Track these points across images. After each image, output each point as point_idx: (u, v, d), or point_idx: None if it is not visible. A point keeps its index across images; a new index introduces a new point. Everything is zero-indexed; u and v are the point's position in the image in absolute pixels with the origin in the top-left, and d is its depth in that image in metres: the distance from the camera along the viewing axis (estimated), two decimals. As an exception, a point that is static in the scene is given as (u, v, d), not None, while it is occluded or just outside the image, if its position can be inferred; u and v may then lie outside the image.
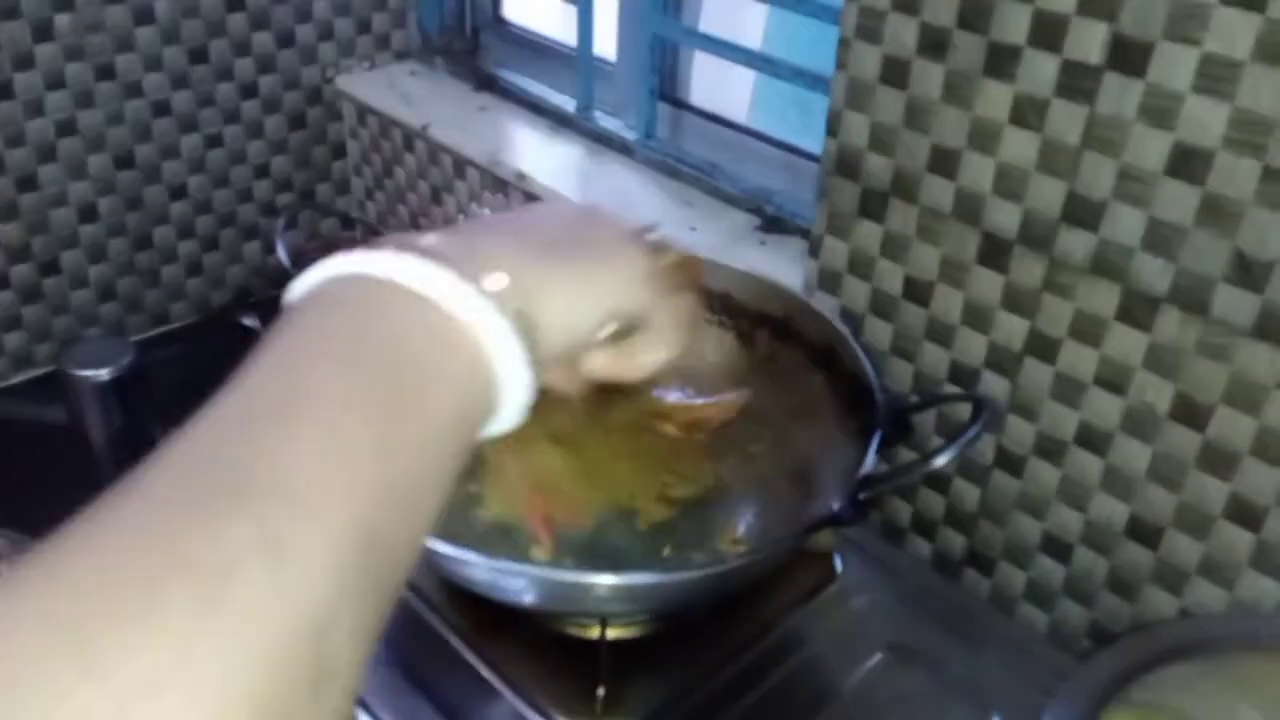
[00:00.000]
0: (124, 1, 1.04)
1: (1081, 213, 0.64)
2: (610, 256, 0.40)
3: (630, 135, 1.06)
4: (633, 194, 1.00)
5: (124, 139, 1.10)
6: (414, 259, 0.32)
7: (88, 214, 1.10)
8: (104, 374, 0.91)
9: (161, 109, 1.11)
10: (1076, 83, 0.61)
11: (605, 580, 0.55)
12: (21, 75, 1.02)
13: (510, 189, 1.06)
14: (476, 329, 0.32)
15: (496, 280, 0.33)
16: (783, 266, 0.86)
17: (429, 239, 0.34)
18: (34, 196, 1.06)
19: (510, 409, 0.33)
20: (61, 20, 1.02)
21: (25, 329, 1.11)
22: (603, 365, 0.42)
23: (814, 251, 0.80)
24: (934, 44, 0.67)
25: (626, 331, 0.41)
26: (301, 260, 1.05)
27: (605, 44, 1.08)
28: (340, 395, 0.28)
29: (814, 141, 0.94)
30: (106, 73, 1.06)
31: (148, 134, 1.11)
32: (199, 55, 1.11)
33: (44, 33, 1.01)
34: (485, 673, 0.64)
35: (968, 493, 0.77)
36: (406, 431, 0.29)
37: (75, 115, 1.06)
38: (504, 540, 0.66)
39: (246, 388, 0.28)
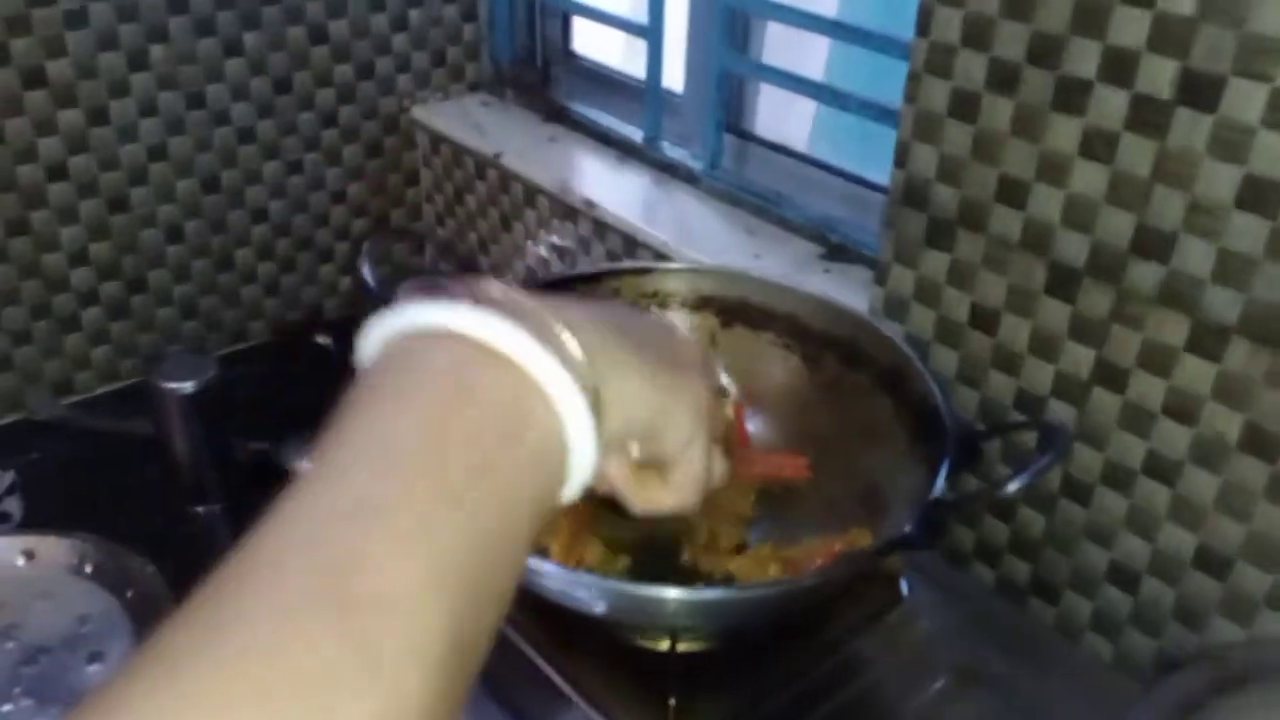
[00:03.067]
0: (215, 34, 1.09)
1: (1151, 244, 0.65)
2: (683, 372, 0.38)
3: (696, 165, 1.08)
4: (698, 222, 1.03)
5: (211, 164, 1.14)
6: (498, 318, 0.30)
7: (174, 235, 1.15)
8: (188, 387, 0.95)
9: (247, 136, 1.16)
10: (1147, 117, 0.63)
11: (676, 595, 0.57)
12: (117, 102, 1.07)
13: (579, 216, 1.09)
14: (558, 402, 0.31)
15: (577, 350, 0.32)
16: (847, 294, 0.88)
17: (505, 291, 0.33)
18: (125, 218, 1.11)
19: (572, 487, 0.32)
20: (156, 51, 1.07)
21: (112, 344, 1.16)
22: (615, 477, 0.39)
23: (880, 279, 0.82)
24: (1004, 79, 0.69)
25: (648, 461, 0.39)
26: (383, 284, 1.09)
27: (672, 77, 1.11)
28: (429, 484, 0.28)
29: (877, 171, 0.96)
30: (197, 101, 1.11)
31: (233, 160, 1.16)
32: (283, 86, 1.16)
33: (139, 63, 1.06)
34: (559, 682, 0.66)
35: (1033, 521, 0.77)
36: (492, 517, 0.28)
37: (166, 141, 1.11)
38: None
39: (337, 469, 0.29)
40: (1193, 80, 0.60)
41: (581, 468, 0.32)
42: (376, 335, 0.33)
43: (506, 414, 0.30)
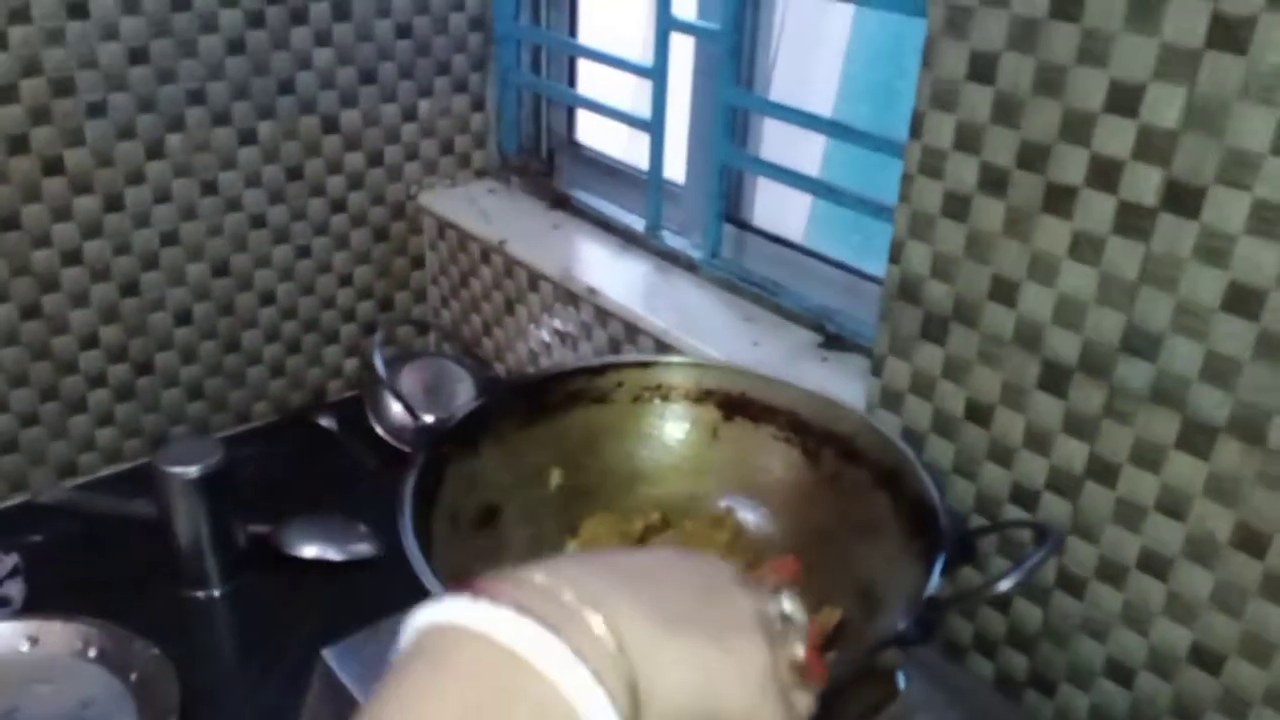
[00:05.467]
0: (230, 124, 1.13)
1: (1139, 343, 0.66)
2: (734, 635, 0.37)
3: (696, 254, 1.11)
4: (698, 310, 1.05)
5: (222, 249, 1.17)
6: (529, 623, 0.31)
7: (183, 318, 1.17)
8: (193, 472, 0.96)
9: (258, 222, 1.18)
10: (1132, 222, 0.65)
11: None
12: (132, 190, 1.10)
13: (581, 302, 1.11)
14: (588, 713, 0.31)
15: (612, 645, 0.32)
16: (844, 383, 0.89)
17: (541, 579, 0.34)
18: (135, 301, 1.13)
19: None
20: (173, 140, 1.10)
21: (117, 425, 1.17)
22: None
23: (877, 371, 0.83)
24: (994, 181, 0.71)
25: None
26: (389, 366, 1.10)
27: (673, 168, 1.14)
28: None
29: (872, 261, 0.98)
30: (210, 188, 1.14)
31: (244, 245, 1.18)
32: (295, 173, 1.19)
33: (156, 152, 1.10)
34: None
35: (1029, 613, 0.78)
36: None
37: (179, 227, 1.13)
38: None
39: None
40: (1176, 188, 0.63)
41: None
42: (415, 623, 0.34)
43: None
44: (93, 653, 0.89)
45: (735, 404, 0.79)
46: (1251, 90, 0.58)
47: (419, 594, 0.62)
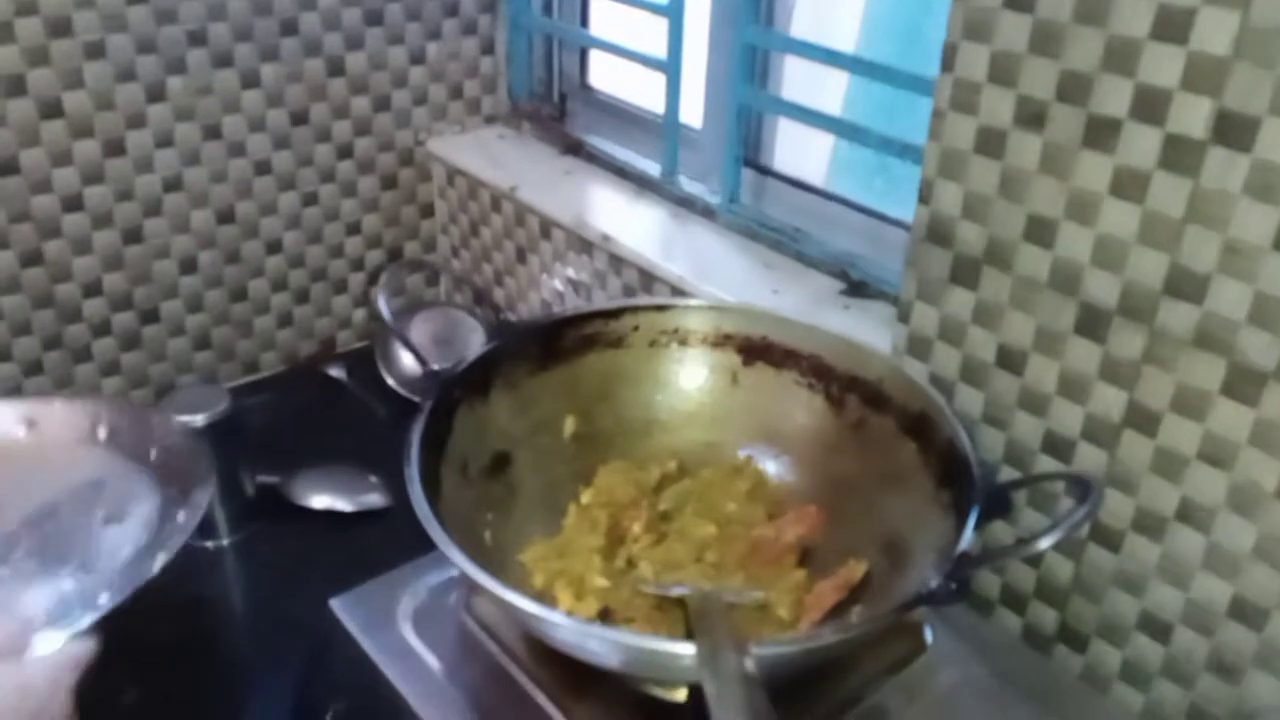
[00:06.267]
0: (233, 66, 1.09)
1: (1184, 285, 0.63)
2: None
3: (714, 200, 1.07)
4: (716, 257, 1.02)
5: (227, 196, 1.14)
6: None
7: (188, 266, 1.15)
8: (200, 419, 0.94)
9: (263, 168, 1.15)
10: (1179, 157, 0.61)
11: (693, 650, 0.55)
12: (134, 134, 1.07)
13: (595, 250, 1.08)
14: None
15: None
16: (868, 331, 0.86)
17: None
18: (139, 249, 1.11)
19: None
20: (174, 83, 1.07)
21: (124, 375, 1.15)
22: None
23: (903, 317, 0.80)
24: (1031, 116, 0.68)
25: None
26: (397, 317, 1.07)
27: (690, 111, 1.10)
28: None
29: (896, 206, 0.95)
30: (214, 133, 1.11)
31: (249, 192, 1.16)
32: (300, 118, 1.16)
33: (157, 94, 1.06)
34: (571, 731, 0.64)
35: (1061, 567, 0.75)
36: None
37: (182, 173, 1.11)
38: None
39: None
40: (1227, 120, 0.59)
41: None
42: None
43: None
44: (102, 433, 0.77)
45: (756, 348, 0.77)
46: (1314, 10, 0.54)
47: (428, 544, 0.60)
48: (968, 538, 0.58)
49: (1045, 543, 0.55)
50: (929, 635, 0.72)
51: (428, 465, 0.65)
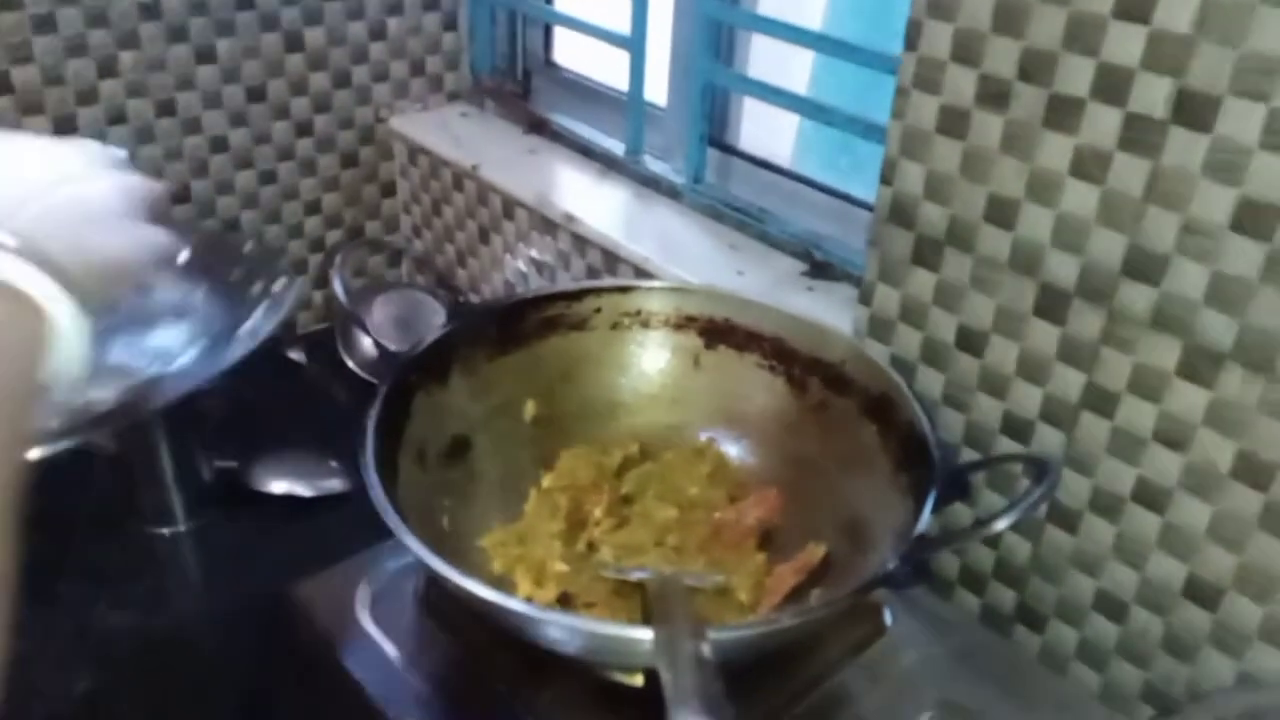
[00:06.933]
0: (187, 41, 1.07)
1: (1143, 266, 0.63)
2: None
3: (678, 179, 1.06)
4: (680, 237, 1.01)
5: (181, 174, 1.12)
6: None
7: (143, 246, 1.12)
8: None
9: (219, 145, 1.13)
10: (1140, 136, 0.61)
11: (650, 635, 0.55)
12: (85, 110, 1.04)
13: (559, 230, 1.06)
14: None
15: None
16: (831, 312, 0.86)
17: None
18: (92, 228, 1.08)
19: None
20: (126, 58, 1.04)
21: (77, 358, 1.12)
22: None
23: (865, 299, 0.80)
24: (994, 95, 0.67)
25: None
26: (355, 297, 1.06)
27: (655, 89, 1.09)
28: None
29: (861, 187, 0.94)
30: (167, 109, 1.09)
31: (204, 170, 1.13)
32: (257, 94, 1.13)
33: (108, 70, 1.04)
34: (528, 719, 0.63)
35: (1019, 547, 0.75)
36: None
37: (135, 150, 1.08)
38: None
39: None
40: (1188, 99, 0.59)
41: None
42: None
43: None
44: None
45: (718, 330, 0.76)
46: (1274, -10, 0.54)
47: (389, 530, 0.59)
48: (925, 520, 0.58)
49: (1001, 524, 0.55)
50: (889, 617, 0.72)
51: (384, 450, 0.64)
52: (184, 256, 0.70)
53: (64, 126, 1.03)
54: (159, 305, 0.69)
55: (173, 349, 0.64)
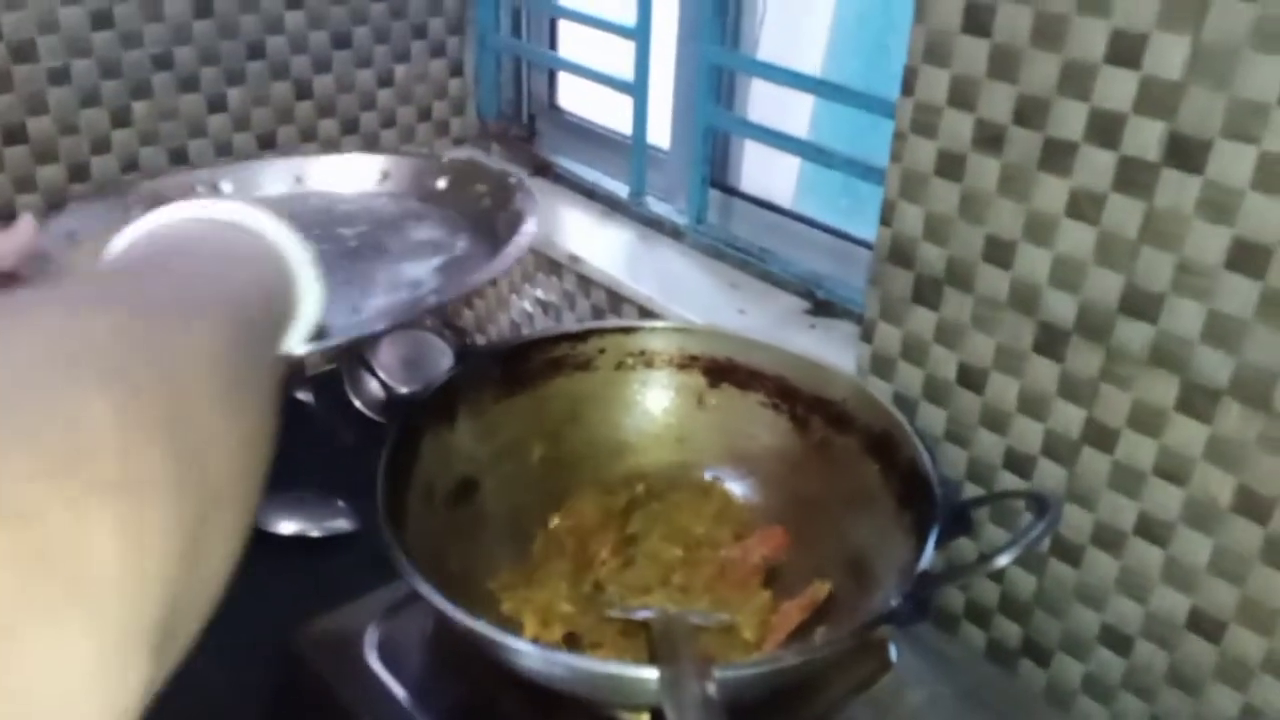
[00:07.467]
0: (198, 90, 1.09)
1: (1140, 304, 0.64)
2: None
3: (681, 220, 1.08)
4: (683, 278, 1.02)
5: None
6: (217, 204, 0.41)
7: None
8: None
9: (229, 191, 1.15)
10: (1134, 178, 0.62)
11: (655, 675, 0.55)
12: (98, 159, 1.06)
13: (564, 271, 1.08)
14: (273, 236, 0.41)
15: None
16: (832, 350, 0.87)
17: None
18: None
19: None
20: (138, 107, 1.06)
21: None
22: None
23: (867, 336, 0.81)
24: (989, 139, 0.69)
25: None
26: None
27: (658, 132, 1.11)
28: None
29: (862, 226, 0.96)
30: (179, 158, 1.10)
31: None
32: (267, 141, 1.15)
33: (121, 119, 1.06)
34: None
35: (1023, 582, 0.76)
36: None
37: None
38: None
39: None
40: (1180, 142, 0.60)
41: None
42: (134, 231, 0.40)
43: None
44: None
45: (721, 370, 0.77)
46: (1260, 37, 0.56)
47: (396, 571, 0.60)
48: (928, 557, 0.58)
49: (1003, 560, 0.55)
50: (894, 654, 0.72)
51: (393, 493, 0.64)
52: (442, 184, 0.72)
53: (77, 175, 1.05)
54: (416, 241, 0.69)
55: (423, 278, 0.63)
